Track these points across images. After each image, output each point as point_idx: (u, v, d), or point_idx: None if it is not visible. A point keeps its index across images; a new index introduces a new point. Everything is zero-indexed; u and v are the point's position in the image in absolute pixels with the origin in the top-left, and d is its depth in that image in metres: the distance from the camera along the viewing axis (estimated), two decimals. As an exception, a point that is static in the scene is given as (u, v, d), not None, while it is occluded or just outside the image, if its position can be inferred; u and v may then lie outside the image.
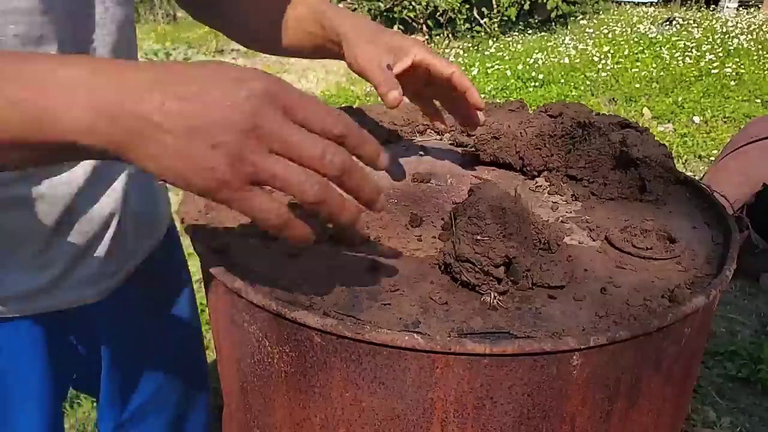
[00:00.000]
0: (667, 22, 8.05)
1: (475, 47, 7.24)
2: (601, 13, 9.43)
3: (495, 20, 7.76)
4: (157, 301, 0.87)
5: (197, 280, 2.40)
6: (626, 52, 6.30)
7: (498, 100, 1.72)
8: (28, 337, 0.72)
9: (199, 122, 0.40)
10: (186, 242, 0.76)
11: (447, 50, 7.14)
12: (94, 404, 1.82)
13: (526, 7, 8.15)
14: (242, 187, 0.42)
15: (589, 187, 0.77)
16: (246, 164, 0.41)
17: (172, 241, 0.89)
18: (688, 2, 10.16)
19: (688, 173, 0.99)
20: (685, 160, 4.04)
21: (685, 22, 7.82)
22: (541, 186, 0.79)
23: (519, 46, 7.08)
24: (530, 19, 8.69)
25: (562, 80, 5.49)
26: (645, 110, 4.93)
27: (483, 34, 7.66)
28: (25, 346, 0.72)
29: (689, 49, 6.28)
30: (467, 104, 0.75)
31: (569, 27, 8.47)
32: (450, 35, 7.77)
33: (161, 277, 0.83)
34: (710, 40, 6.65)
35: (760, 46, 6.32)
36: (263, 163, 0.41)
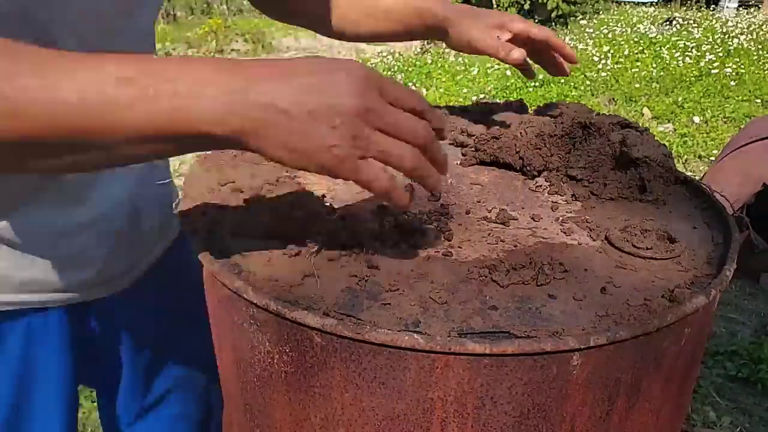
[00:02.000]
0: (667, 22, 8.05)
1: (475, 47, 7.23)
2: (601, 13, 9.44)
3: (495, 20, 7.75)
4: (173, 296, 0.92)
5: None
6: (626, 52, 6.30)
7: (498, 100, 1.72)
8: (57, 327, 0.77)
9: (320, 108, 0.46)
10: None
11: (447, 50, 7.13)
12: (95, 403, 1.82)
13: (526, 7, 8.15)
14: (356, 161, 0.48)
15: (589, 187, 0.77)
16: (361, 140, 0.47)
17: (184, 241, 0.94)
18: (688, 2, 10.16)
19: (688, 173, 0.99)
20: (685, 160, 4.04)
21: (685, 22, 7.82)
22: (541, 186, 0.79)
23: (519, 46, 7.07)
24: (530, 19, 8.70)
25: (562, 80, 5.49)
26: (645, 110, 4.93)
27: (483, 34, 7.65)
28: (54, 335, 0.77)
29: (689, 49, 6.28)
30: (559, 60, 0.93)
31: (569, 27, 8.47)
32: (450, 35, 7.76)
33: (176, 274, 0.88)
34: (710, 40, 6.65)
35: (760, 46, 6.32)
36: (373, 139, 0.48)
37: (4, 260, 0.69)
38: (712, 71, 5.56)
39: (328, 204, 0.69)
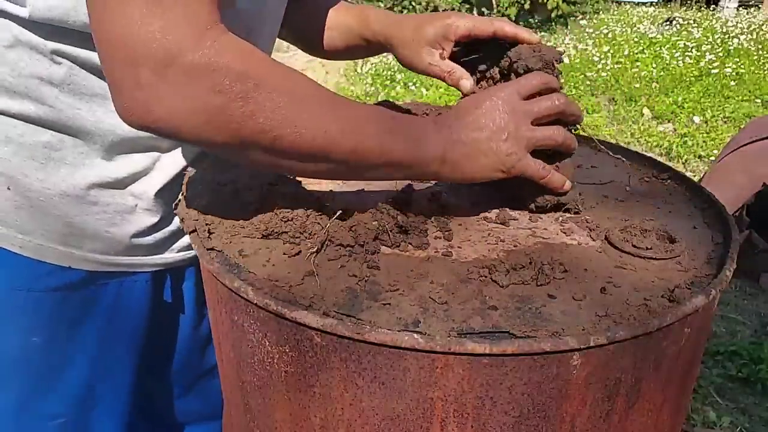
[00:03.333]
0: (667, 22, 8.05)
1: (475, 47, 7.23)
2: (601, 13, 9.44)
3: (495, 20, 7.74)
4: None
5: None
6: (626, 52, 6.30)
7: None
8: (142, 292, 0.81)
9: (490, 136, 0.64)
10: (186, 241, 0.81)
11: (447, 50, 7.13)
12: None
13: (527, 6, 8.14)
14: (526, 157, 0.65)
15: (588, 187, 0.77)
16: (525, 139, 0.65)
17: None
18: (688, 2, 10.17)
19: (688, 173, 0.99)
20: (685, 160, 4.04)
21: (685, 22, 7.82)
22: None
23: (519, 46, 7.07)
24: (530, 19, 8.69)
25: (562, 80, 5.50)
26: (645, 110, 4.93)
27: (483, 34, 7.65)
28: (139, 300, 0.81)
29: (689, 49, 6.28)
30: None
31: (569, 27, 8.47)
32: (450, 35, 7.76)
33: None
34: (710, 40, 6.65)
35: (760, 46, 6.32)
36: (534, 133, 0.65)
37: (132, 225, 0.75)
38: (712, 71, 5.56)
39: (328, 204, 0.69)
